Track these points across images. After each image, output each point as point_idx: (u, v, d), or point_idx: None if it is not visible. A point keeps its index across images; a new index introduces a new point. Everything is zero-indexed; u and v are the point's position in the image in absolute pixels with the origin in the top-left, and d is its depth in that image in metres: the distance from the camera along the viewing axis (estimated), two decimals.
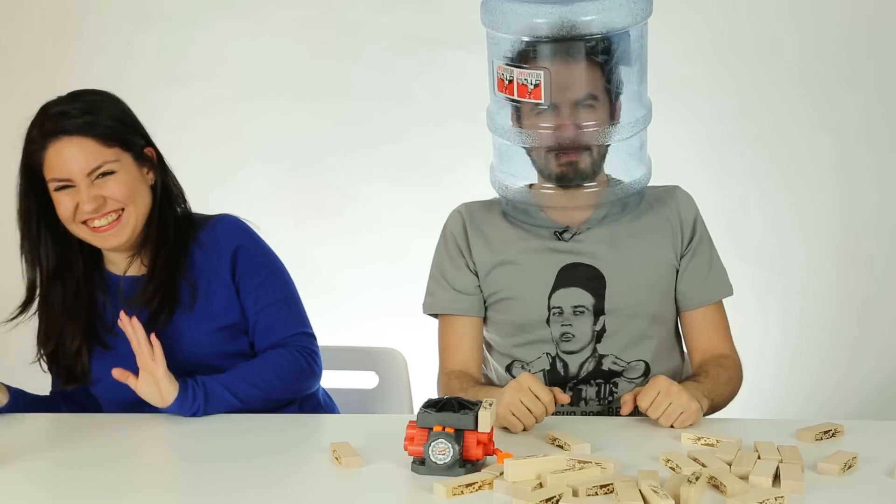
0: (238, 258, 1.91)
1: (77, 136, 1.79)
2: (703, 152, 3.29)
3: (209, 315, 1.88)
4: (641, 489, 1.34)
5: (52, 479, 1.54)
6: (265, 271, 1.93)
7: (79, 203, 1.79)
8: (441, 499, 1.37)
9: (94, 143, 1.79)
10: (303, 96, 3.50)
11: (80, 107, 1.81)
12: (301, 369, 1.89)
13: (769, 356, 3.45)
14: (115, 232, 1.82)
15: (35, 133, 1.80)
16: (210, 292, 1.89)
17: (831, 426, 1.65)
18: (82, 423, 1.78)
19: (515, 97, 1.81)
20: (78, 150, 1.78)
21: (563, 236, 1.91)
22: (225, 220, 1.95)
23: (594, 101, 1.81)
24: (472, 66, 3.51)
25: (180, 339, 1.86)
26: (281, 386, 1.87)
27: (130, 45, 3.49)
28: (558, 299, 1.89)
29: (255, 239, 1.95)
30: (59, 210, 1.81)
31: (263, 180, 3.47)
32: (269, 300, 1.92)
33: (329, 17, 3.49)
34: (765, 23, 3.43)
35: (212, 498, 1.41)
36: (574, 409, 1.90)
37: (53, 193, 1.80)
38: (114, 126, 1.82)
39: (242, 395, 1.82)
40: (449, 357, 1.93)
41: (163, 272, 1.86)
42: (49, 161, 1.79)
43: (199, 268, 1.89)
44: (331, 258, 3.44)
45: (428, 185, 3.43)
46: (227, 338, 1.90)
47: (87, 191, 1.78)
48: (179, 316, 1.87)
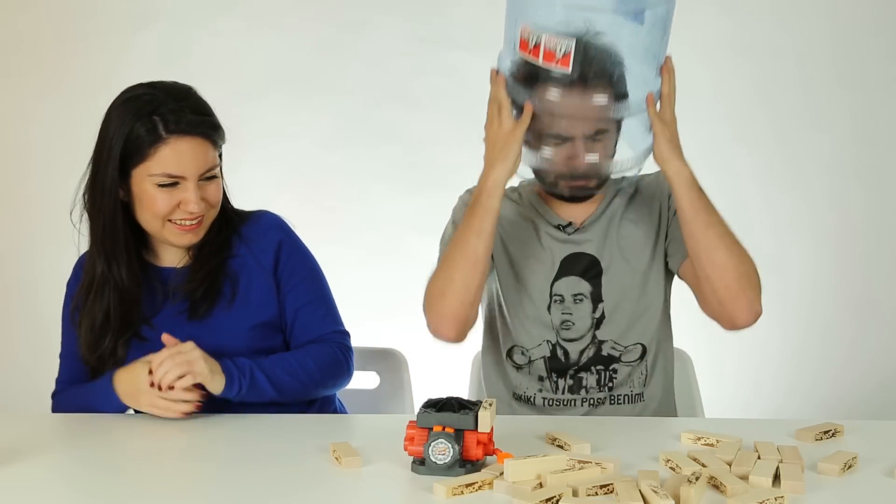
0: (281, 254, 1.94)
1: (198, 137, 1.80)
2: (704, 152, 3.28)
3: (247, 310, 1.90)
4: (641, 489, 1.34)
5: (53, 479, 1.54)
6: (305, 269, 1.96)
7: (182, 202, 1.80)
8: (441, 499, 1.37)
9: (209, 146, 1.83)
10: (303, 96, 3.50)
11: (192, 105, 1.82)
12: (338, 363, 1.93)
13: (768, 356, 3.46)
14: (196, 231, 1.86)
15: (146, 127, 1.77)
16: (250, 286, 1.91)
17: (831, 426, 1.65)
18: (82, 423, 1.78)
19: (540, 62, 1.74)
20: (199, 150, 1.80)
21: (567, 230, 1.96)
22: (268, 216, 1.99)
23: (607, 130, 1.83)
24: (472, 66, 3.51)
25: (217, 333, 1.86)
26: (320, 377, 1.89)
27: (132, 45, 3.50)
28: (559, 287, 1.94)
29: (295, 238, 1.99)
30: (154, 204, 1.80)
31: (263, 180, 3.47)
32: (307, 298, 1.95)
33: (329, 17, 3.49)
34: (765, 24, 3.44)
35: (212, 498, 1.41)
36: (575, 397, 1.93)
37: (151, 188, 1.79)
38: (220, 129, 1.86)
39: (282, 386, 1.84)
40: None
41: (207, 263, 1.89)
42: (163, 156, 1.78)
43: (241, 261, 1.92)
44: (331, 258, 3.44)
45: (428, 185, 3.43)
46: (263, 335, 1.91)
47: (195, 191, 1.80)
48: (219, 309, 1.88)
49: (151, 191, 1.80)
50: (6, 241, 3.52)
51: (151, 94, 1.81)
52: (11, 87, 3.49)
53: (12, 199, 3.55)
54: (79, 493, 1.46)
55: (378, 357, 2.28)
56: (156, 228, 1.84)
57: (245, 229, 1.95)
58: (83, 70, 3.47)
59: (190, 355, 1.75)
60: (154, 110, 1.78)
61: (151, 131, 1.78)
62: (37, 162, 3.49)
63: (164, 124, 1.78)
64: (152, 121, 1.78)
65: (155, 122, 1.78)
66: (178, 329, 1.83)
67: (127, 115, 1.79)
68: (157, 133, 1.78)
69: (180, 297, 1.88)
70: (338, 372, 1.93)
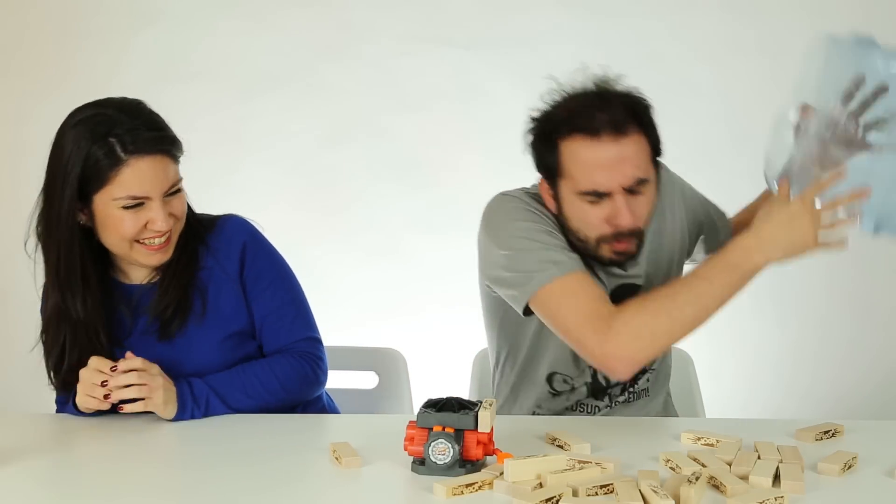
0: (246, 258, 1.89)
1: (158, 155, 1.74)
2: (703, 152, 3.30)
3: (218, 322, 1.86)
4: (641, 489, 1.34)
5: (52, 479, 1.54)
6: (272, 274, 1.91)
7: (149, 221, 1.75)
8: (441, 499, 1.37)
9: (169, 161, 1.77)
10: (303, 96, 3.50)
11: (146, 121, 1.75)
12: (305, 377, 1.88)
13: (766, 355, 3.46)
14: (165, 250, 1.81)
15: (103, 150, 1.71)
16: (219, 297, 1.87)
17: (831, 426, 1.65)
18: (82, 423, 1.78)
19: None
20: (161, 168, 1.74)
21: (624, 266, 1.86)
22: (232, 221, 1.93)
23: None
24: (472, 66, 3.53)
25: (188, 349, 1.84)
26: (284, 395, 1.86)
27: (132, 45, 3.49)
28: None
29: (261, 240, 1.93)
30: (121, 227, 1.74)
31: (263, 180, 3.47)
32: (275, 304, 1.90)
33: (329, 17, 3.49)
34: (765, 24, 3.43)
35: (212, 498, 1.41)
36: (598, 403, 1.92)
37: (115, 211, 1.73)
38: (177, 142, 1.79)
39: (241, 408, 1.81)
40: (594, 300, 1.70)
41: (175, 280, 1.84)
42: (124, 178, 1.72)
43: (209, 273, 1.87)
44: (331, 258, 3.45)
45: (428, 185, 3.43)
46: (235, 345, 1.88)
47: (161, 209, 1.75)
48: (190, 325, 1.85)
49: (117, 214, 1.74)
50: (6, 240, 3.51)
51: (103, 114, 1.74)
52: (11, 87, 3.49)
53: (12, 198, 3.55)
54: (79, 493, 1.46)
55: (378, 357, 2.28)
56: (124, 251, 1.79)
57: (211, 238, 1.89)
58: (83, 70, 3.46)
59: (153, 381, 1.73)
60: (108, 131, 1.71)
61: (109, 154, 1.71)
62: (37, 162, 3.49)
63: (122, 145, 1.71)
64: (108, 143, 1.71)
65: (112, 145, 1.71)
66: (149, 349, 1.80)
67: (81, 139, 1.72)
68: (116, 155, 1.71)
69: (150, 318, 1.83)
70: (305, 386, 1.89)
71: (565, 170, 1.73)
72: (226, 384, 1.81)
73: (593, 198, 1.72)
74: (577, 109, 1.73)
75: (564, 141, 1.72)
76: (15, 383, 1.86)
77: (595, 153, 1.70)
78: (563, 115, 1.74)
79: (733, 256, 1.64)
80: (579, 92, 1.75)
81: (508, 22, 3.47)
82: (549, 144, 1.74)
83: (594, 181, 1.70)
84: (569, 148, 1.72)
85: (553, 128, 1.74)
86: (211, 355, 1.85)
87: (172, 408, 1.75)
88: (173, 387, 1.76)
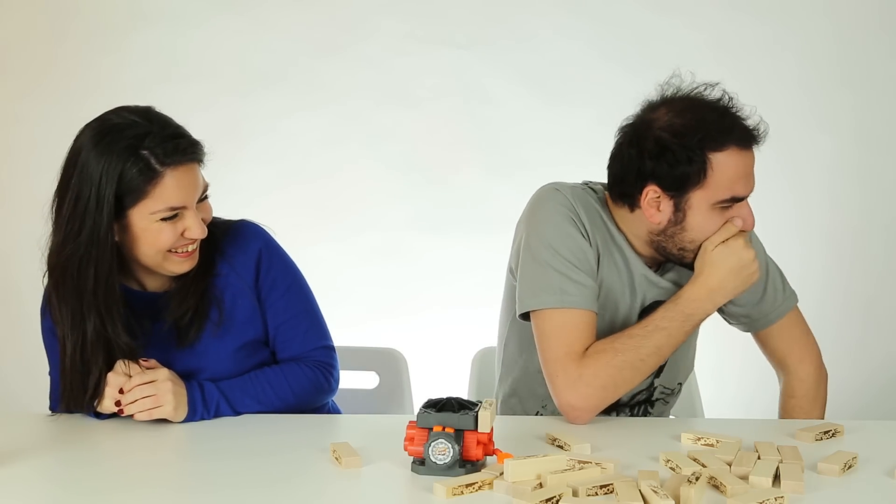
0: (261, 266, 1.87)
1: (190, 162, 1.71)
2: None
3: (233, 330, 1.85)
4: (641, 489, 1.34)
5: (52, 479, 1.54)
6: (286, 282, 1.89)
7: (185, 230, 1.72)
8: (441, 499, 1.37)
9: (198, 167, 1.75)
10: (303, 96, 3.50)
11: (171, 130, 1.70)
12: (318, 386, 1.88)
13: None
14: (194, 256, 1.79)
15: (138, 165, 1.65)
16: (235, 306, 1.85)
17: (831, 426, 1.66)
18: (82, 423, 1.78)
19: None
20: (195, 176, 1.72)
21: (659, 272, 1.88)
22: (247, 228, 1.90)
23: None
24: (472, 66, 3.53)
25: (204, 357, 1.83)
26: (295, 402, 1.85)
27: (130, 44, 3.50)
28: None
29: (276, 248, 1.91)
30: (159, 239, 1.70)
31: (263, 180, 3.47)
32: (290, 313, 1.89)
33: (329, 17, 3.49)
34: (765, 24, 3.43)
35: (212, 498, 1.41)
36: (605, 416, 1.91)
37: (153, 224, 1.69)
38: (200, 145, 1.74)
39: (251, 413, 1.81)
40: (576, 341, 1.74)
41: (192, 287, 1.81)
42: (163, 190, 1.68)
43: (224, 280, 1.85)
44: (331, 258, 3.45)
45: (428, 185, 3.43)
46: (249, 354, 1.87)
47: (196, 217, 1.72)
48: (206, 334, 1.83)
49: (154, 227, 1.70)
50: (6, 240, 3.52)
51: (126, 127, 1.68)
52: (10, 86, 3.49)
53: (12, 198, 3.55)
54: (78, 493, 1.46)
55: (378, 357, 2.28)
56: (156, 261, 1.75)
57: (226, 245, 1.86)
58: (83, 70, 3.47)
59: (160, 387, 1.72)
60: (139, 145, 1.66)
61: (146, 169, 1.66)
62: (37, 162, 3.49)
63: (156, 158, 1.67)
64: (142, 157, 1.66)
65: (146, 158, 1.66)
66: (164, 357, 1.79)
67: (112, 157, 1.66)
68: (152, 168, 1.66)
69: (168, 325, 1.81)
70: (317, 394, 1.89)
71: (709, 180, 1.72)
72: (237, 391, 1.81)
73: (727, 204, 1.74)
74: (729, 122, 1.74)
75: (718, 152, 1.72)
76: (15, 383, 1.86)
77: (744, 162, 1.74)
78: (717, 127, 1.73)
79: (687, 308, 1.74)
80: (717, 104, 1.77)
81: (508, 22, 3.47)
82: (693, 154, 1.71)
83: (735, 189, 1.74)
84: (720, 158, 1.72)
85: (701, 139, 1.72)
86: (225, 364, 1.84)
87: (183, 411, 1.75)
88: (183, 389, 1.76)
